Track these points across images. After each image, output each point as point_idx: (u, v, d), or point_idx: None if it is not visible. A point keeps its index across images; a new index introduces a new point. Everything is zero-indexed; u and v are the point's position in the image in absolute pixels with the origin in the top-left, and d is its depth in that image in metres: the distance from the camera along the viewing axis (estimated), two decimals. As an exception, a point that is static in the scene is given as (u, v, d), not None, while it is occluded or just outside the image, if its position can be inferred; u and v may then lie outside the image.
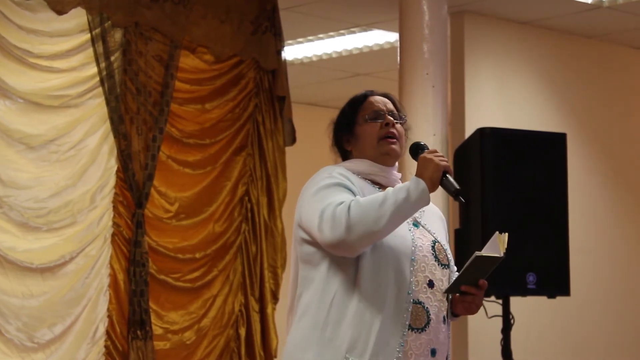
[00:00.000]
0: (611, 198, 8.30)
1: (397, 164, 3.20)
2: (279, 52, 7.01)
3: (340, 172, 3.06)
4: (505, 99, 7.73)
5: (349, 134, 3.17)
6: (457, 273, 3.13)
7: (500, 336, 6.23)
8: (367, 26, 8.03)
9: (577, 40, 8.16)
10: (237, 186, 6.83)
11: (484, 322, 6.43)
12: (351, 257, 2.93)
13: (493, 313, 6.24)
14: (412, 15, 6.38)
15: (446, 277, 3.06)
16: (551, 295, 6.31)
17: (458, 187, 2.95)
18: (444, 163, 2.96)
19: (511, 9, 7.55)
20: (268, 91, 6.99)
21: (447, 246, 3.14)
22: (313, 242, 3.00)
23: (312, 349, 2.95)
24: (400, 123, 3.18)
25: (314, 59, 8.84)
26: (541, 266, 6.14)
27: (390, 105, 3.19)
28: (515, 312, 6.31)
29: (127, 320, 6.17)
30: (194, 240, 6.57)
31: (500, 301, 6.23)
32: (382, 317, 2.92)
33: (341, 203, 2.90)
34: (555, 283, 6.24)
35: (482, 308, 6.06)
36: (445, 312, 3.05)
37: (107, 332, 6.11)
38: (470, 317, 7.18)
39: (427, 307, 2.98)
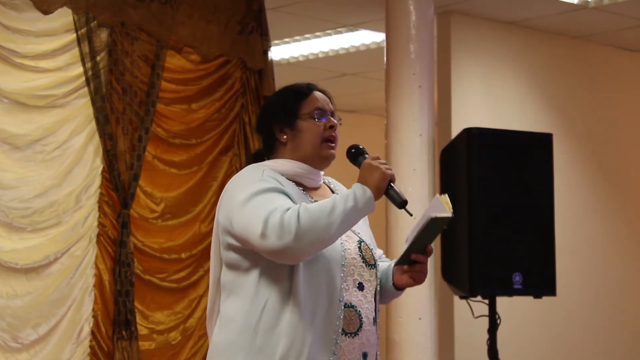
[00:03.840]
0: (599, 198, 8.31)
1: None
2: (265, 52, 7.01)
3: (270, 175, 2.92)
4: (491, 99, 7.74)
5: (288, 125, 3.03)
6: (385, 260, 3.11)
7: (486, 336, 6.23)
8: (353, 26, 8.02)
9: (563, 41, 8.17)
10: (224, 186, 6.80)
11: (470, 322, 6.43)
12: (291, 264, 2.82)
13: (479, 313, 6.23)
14: (399, 16, 6.37)
15: (373, 277, 2.98)
16: (537, 295, 6.30)
17: (405, 199, 2.87)
18: (390, 172, 2.87)
19: (498, 10, 7.56)
20: (254, 91, 6.98)
21: (372, 244, 3.04)
22: (241, 249, 2.87)
23: (239, 356, 2.82)
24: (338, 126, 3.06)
25: (301, 59, 8.83)
26: (527, 266, 6.14)
27: (331, 107, 3.08)
28: (505, 313, 6.30)
29: (112, 321, 6.16)
30: (179, 241, 6.57)
31: (486, 301, 6.23)
32: (316, 324, 2.83)
33: (288, 209, 2.77)
34: (541, 283, 6.23)
35: (468, 308, 6.14)
36: (374, 314, 2.98)
37: (92, 332, 6.10)
38: (456, 317, 7.21)
39: (359, 310, 2.90)
